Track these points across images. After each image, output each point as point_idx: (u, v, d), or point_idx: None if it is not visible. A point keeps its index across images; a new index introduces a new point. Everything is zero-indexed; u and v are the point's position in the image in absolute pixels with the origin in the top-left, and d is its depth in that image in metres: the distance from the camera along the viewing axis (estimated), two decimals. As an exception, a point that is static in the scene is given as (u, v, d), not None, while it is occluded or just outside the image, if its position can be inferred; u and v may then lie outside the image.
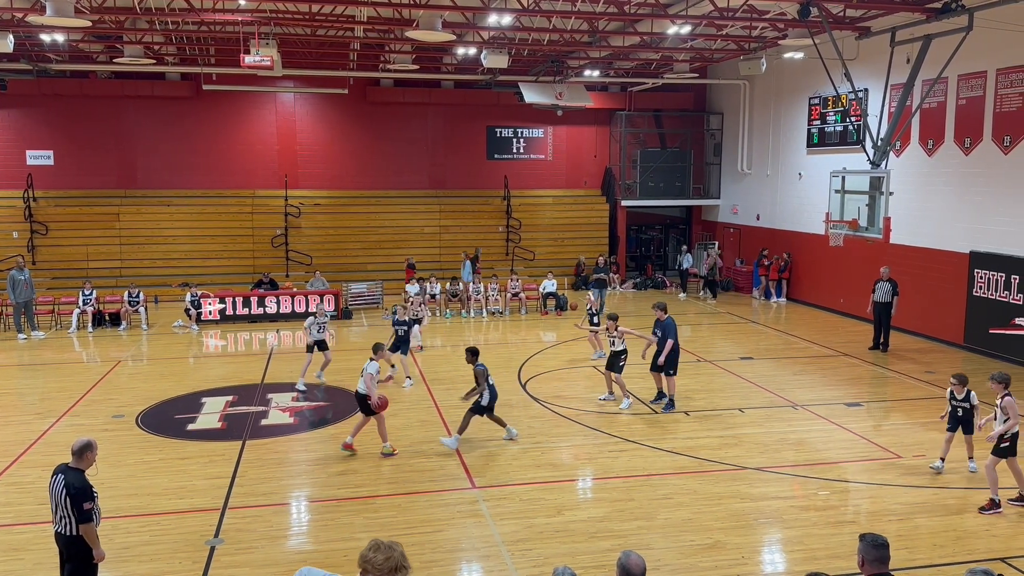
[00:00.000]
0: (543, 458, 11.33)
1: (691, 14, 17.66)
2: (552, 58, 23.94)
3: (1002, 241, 17.12)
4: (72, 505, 6.63)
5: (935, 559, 8.31)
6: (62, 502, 6.65)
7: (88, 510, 6.67)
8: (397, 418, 13.22)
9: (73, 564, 6.80)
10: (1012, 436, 9.43)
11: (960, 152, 18.23)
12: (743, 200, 28.10)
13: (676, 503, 9.75)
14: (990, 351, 17.29)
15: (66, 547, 6.80)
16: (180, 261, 26.29)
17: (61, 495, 6.65)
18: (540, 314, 23.18)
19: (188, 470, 10.91)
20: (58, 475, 6.78)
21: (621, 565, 4.87)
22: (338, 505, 9.75)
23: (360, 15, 18.40)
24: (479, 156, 29.76)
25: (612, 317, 14.07)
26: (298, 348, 19.42)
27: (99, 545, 6.83)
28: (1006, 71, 16.87)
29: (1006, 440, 9.43)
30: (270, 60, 17.54)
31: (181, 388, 15.15)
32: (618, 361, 13.73)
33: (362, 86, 27.96)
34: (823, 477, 10.64)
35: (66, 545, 6.79)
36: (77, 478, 6.73)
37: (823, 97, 23.01)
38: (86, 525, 6.69)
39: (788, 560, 8.51)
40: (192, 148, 27.53)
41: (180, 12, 17.76)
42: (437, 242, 28.35)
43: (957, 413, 10.56)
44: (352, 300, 23.69)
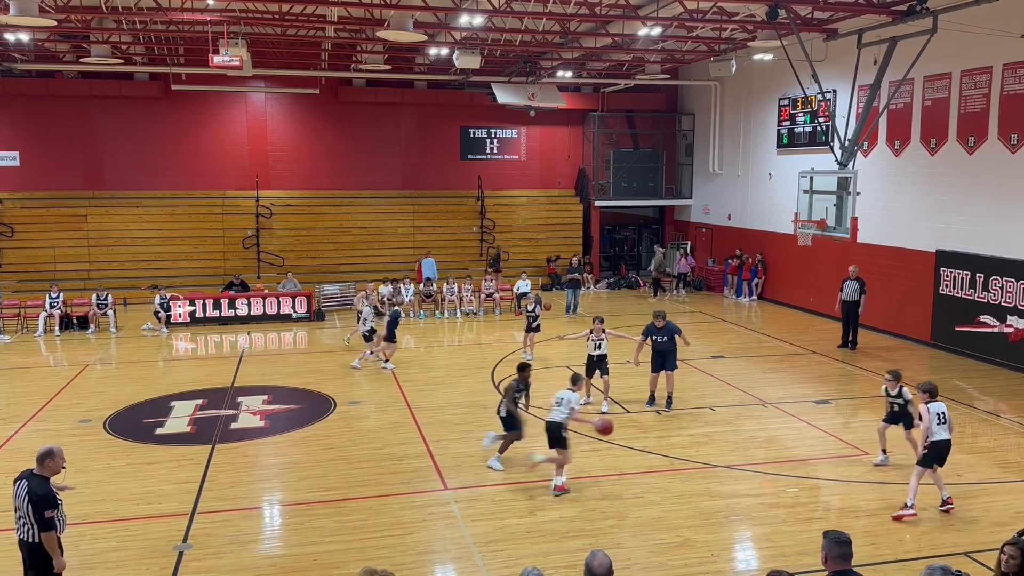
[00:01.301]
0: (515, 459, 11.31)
1: (661, 16, 17.78)
2: (524, 59, 23.97)
3: (967, 240, 17.40)
4: (34, 512, 6.53)
5: (900, 554, 8.43)
6: (24, 509, 6.55)
7: (49, 518, 6.58)
8: (369, 420, 13.19)
9: (35, 572, 6.70)
10: (930, 444, 9.33)
11: (926, 152, 18.51)
12: (715, 200, 28.32)
13: (647, 502, 9.80)
14: (956, 348, 17.57)
15: (29, 554, 6.70)
16: (149, 263, 25.99)
17: (23, 501, 6.56)
18: (514, 314, 23.19)
19: (156, 475, 10.78)
20: (21, 481, 6.68)
21: (586, 565, 4.90)
22: (309, 508, 9.69)
23: (331, 15, 18.30)
24: (452, 156, 29.72)
25: (599, 319, 13.96)
26: (270, 350, 19.30)
27: (60, 554, 6.74)
28: (970, 72, 17.15)
29: (925, 448, 9.38)
30: (239, 60, 17.39)
31: (150, 392, 14.97)
32: (604, 364, 13.69)
33: (334, 86, 27.82)
34: (792, 474, 10.75)
35: (29, 552, 6.69)
36: (40, 485, 6.63)
37: (792, 98, 23.26)
38: (47, 533, 6.59)
39: (756, 557, 8.59)
40: (161, 149, 27.23)
41: (148, 11, 17.55)
42: (411, 243, 28.27)
43: (893, 408, 10.90)
44: (324, 302, 23.55)
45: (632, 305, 24.99)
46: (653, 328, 13.70)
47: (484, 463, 11.10)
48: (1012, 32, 15.65)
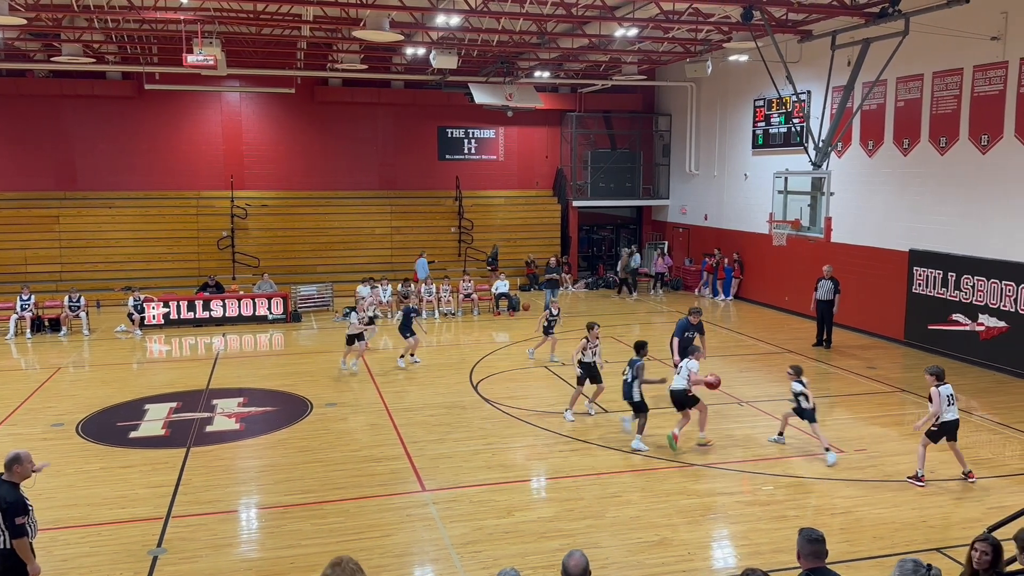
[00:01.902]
0: (494, 459, 11.33)
1: (638, 17, 17.85)
2: (502, 59, 23.97)
3: (940, 239, 17.62)
4: (4, 519, 6.43)
5: (875, 551, 8.52)
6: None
7: (20, 524, 6.47)
8: (346, 422, 13.13)
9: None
10: (939, 424, 10.17)
11: (899, 153, 18.72)
12: (691, 200, 28.48)
13: (624, 501, 9.83)
14: (929, 347, 17.79)
15: (1, 561, 6.59)
16: (122, 264, 25.70)
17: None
18: (493, 315, 23.18)
19: (130, 479, 10.67)
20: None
21: (563, 564, 4.91)
22: (285, 512, 9.62)
23: (306, 14, 18.18)
24: (430, 156, 29.66)
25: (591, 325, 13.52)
26: (245, 352, 19.16)
27: (33, 560, 6.64)
28: (941, 74, 17.38)
29: (935, 426, 10.21)
30: (214, 60, 17.23)
31: (123, 395, 14.81)
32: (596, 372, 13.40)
33: (310, 86, 27.66)
34: (768, 472, 10.83)
35: (1, 559, 6.58)
36: (9, 491, 6.51)
37: (767, 99, 23.44)
38: (19, 540, 6.49)
39: (733, 555, 8.65)
40: (134, 149, 26.93)
41: (120, 10, 17.34)
42: (388, 243, 28.19)
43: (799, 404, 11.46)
44: (301, 303, 23.41)
45: (610, 305, 25.07)
46: (687, 324, 14.05)
47: (462, 464, 11.09)
48: (982, 34, 15.88)
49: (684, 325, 14.20)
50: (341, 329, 21.07)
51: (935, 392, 10.13)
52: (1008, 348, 15.92)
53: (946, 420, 10.14)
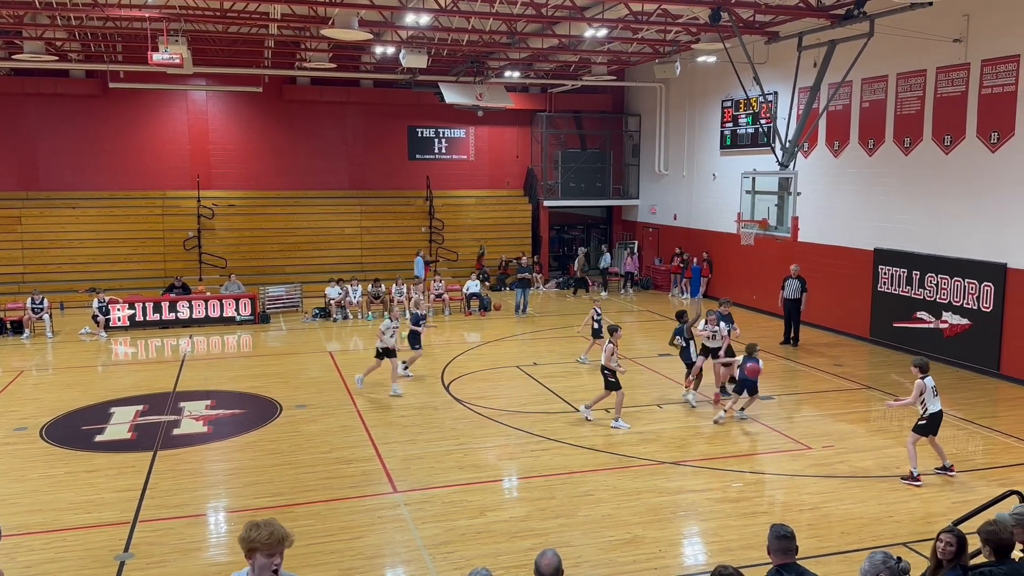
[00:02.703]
0: (466, 460, 11.31)
1: (607, 17, 17.94)
2: (472, 59, 23.95)
3: (904, 238, 17.92)
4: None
5: (843, 546, 8.63)
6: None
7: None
8: (316, 424, 13.02)
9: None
10: (927, 416, 10.35)
11: (864, 153, 19.00)
12: (661, 200, 28.66)
13: (596, 499, 9.87)
14: (894, 344, 18.07)
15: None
16: (87, 265, 25.28)
17: None
18: (464, 315, 23.15)
19: (96, 483, 10.50)
20: None
21: (535, 564, 4.92)
22: (255, 515, 9.48)
23: (274, 12, 18.03)
24: (400, 156, 29.53)
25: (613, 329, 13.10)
26: (213, 354, 18.94)
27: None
28: (905, 75, 17.66)
29: (923, 419, 10.39)
30: (179, 58, 17.00)
31: (88, 398, 14.56)
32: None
33: (278, 84, 27.43)
34: (737, 469, 10.93)
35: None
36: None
37: (735, 100, 23.66)
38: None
39: (703, 552, 8.72)
40: (99, 148, 26.50)
41: (83, 7, 17.06)
42: (358, 243, 28.03)
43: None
44: (270, 304, 23.19)
45: (582, 304, 25.13)
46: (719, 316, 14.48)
47: (434, 465, 11.06)
48: (945, 36, 16.17)
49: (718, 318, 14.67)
50: (310, 330, 21.02)
51: (919, 384, 10.33)
52: (971, 345, 16.23)
53: (933, 412, 10.33)
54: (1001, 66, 15.36)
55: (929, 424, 10.38)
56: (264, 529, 4.36)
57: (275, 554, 4.38)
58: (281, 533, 4.38)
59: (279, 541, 4.36)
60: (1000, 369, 15.67)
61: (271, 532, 4.35)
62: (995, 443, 12.08)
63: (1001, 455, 11.53)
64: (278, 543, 4.36)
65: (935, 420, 10.39)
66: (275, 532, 4.36)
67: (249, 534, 4.37)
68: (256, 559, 4.39)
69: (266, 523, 4.41)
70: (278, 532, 4.37)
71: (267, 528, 4.37)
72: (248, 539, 4.36)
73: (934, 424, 10.39)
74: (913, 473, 10.32)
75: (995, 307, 15.69)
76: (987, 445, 12.02)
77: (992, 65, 15.55)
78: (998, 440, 12.20)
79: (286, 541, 4.40)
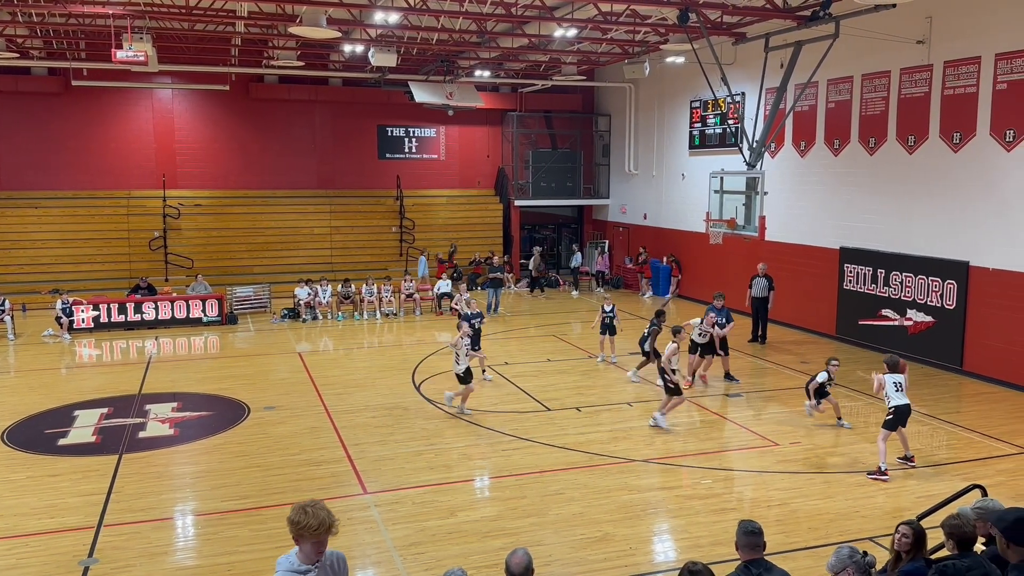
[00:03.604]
0: (437, 460, 11.27)
1: (576, 17, 17.98)
2: (442, 58, 23.88)
3: (869, 237, 18.17)
4: None
5: (811, 541, 8.73)
6: None
7: None
8: (285, 426, 12.90)
9: None
10: (891, 410, 10.71)
11: (830, 153, 19.24)
12: (631, 200, 28.80)
13: (567, 498, 9.88)
14: (860, 341, 18.32)
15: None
16: (50, 266, 24.82)
17: None
18: (435, 315, 23.07)
19: (59, 487, 10.31)
20: None
21: (506, 563, 4.92)
22: (223, 518, 9.41)
23: (240, 10, 17.82)
24: (370, 155, 29.37)
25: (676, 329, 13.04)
26: (179, 355, 18.69)
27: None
28: (870, 76, 17.91)
29: (889, 414, 10.75)
30: (144, 55, 16.72)
31: (51, 401, 14.29)
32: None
33: (245, 82, 27.14)
34: (706, 466, 11.01)
35: None
36: None
37: (703, 100, 23.83)
38: None
39: (673, 548, 8.77)
40: (62, 147, 26.04)
41: (45, 3, 16.72)
42: (328, 243, 27.82)
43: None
44: (237, 304, 22.93)
45: (553, 304, 25.19)
46: (715, 311, 14.80)
47: (404, 465, 11.01)
48: (909, 38, 16.43)
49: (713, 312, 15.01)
50: (278, 331, 20.83)
51: (880, 377, 10.82)
52: (935, 342, 16.51)
53: (896, 405, 10.65)
54: (963, 67, 15.64)
55: (895, 418, 10.69)
56: (312, 518, 4.47)
57: (322, 539, 4.52)
58: (328, 522, 4.49)
59: (327, 529, 4.49)
60: (963, 365, 15.95)
61: (320, 522, 4.46)
62: (958, 438, 12.29)
63: (964, 450, 11.74)
64: (326, 531, 4.49)
65: (900, 413, 10.68)
66: (323, 522, 4.47)
67: (298, 519, 4.48)
68: (303, 544, 4.54)
69: (313, 511, 4.51)
70: (326, 521, 4.48)
71: (315, 517, 4.47)
72: (296, 524, 4.48)
73: (901, 417, 10.69)
74: (881, 468, 10.52)
75: (958, 304, 15.96)
76: (951, 440, 12.23)
77: (954, 67, 15.82)
78: (961, 435, 12.41)
79: (332, 528, 4.51)
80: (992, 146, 15.14)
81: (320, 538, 4.50)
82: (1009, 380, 14.99)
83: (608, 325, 16.97)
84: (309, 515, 4.47)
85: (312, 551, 4.54)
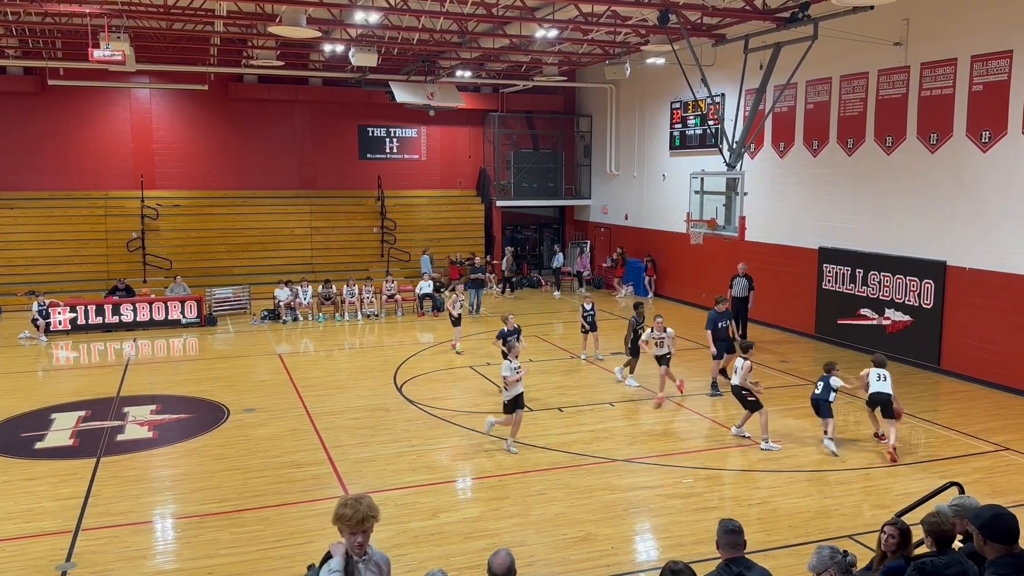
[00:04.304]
0: (419, 461, 11.24)
1: (557, 18, 17.99)
2: (423, 58, 23.82)
3: (848, 237, 18.32)
4: None
5: (791, 539, 8.78)
6: None
7: None
8: (265, 428, 12.82)
9: None
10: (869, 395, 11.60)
11: (809, 154, 19.38)
12: (612, 200, 28.88)
13: (549, 498, 9.89)
14: (839, 340, 18.47)
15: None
16: (26, 268, 24.53)
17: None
18: (416, 315, 23.01)
19: (36, 491, 10.19)
20: None
21: (488, 564, 4.91)
22: (202, 521, 9.33)
23: (219, 9, 17.67)
24: (351, 156, 29.25)
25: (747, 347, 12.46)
26: (158, 357, 18.52)
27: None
28: (848, 78, 18.06)
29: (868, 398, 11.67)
30: (122, 55, 16.57)
31: (28, 404, 14.12)
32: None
33: (224, 82, 26.96)
34: (687, 465, 11.06)
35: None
36: None
37: (684, 101, 23.94)
38: None
39: (655, 547, 8.80)
40: (38, 147, 25.73)
41: (21, 2, 16.52)
42: (308, 244, 27.68)
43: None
44: (216, 306, 22.76)
45: (535, 304, 25.21)
46: (716, 315, 14.60)
47: (386, 467, 10.97)
48: (886, 40, 16.58)
49: (715, 317, 14.71)
50: (258, 332, 20.71)
51: (866, 372, 11.71)
52: (912, 341, 16.67)
53: (872, 392, 11.47)
54: (939, 69, 15.81)
55: (869, 401, 11.65)
56: (350, 508, 4.66)
57: (357, 532, 4.67)
58: (363, 513, 4.64)
59: (360, 521, 4.64)
60: (940, 364, 16.12)
61: (355, 511, 4.64)
62: (936, 436, 12.42)
63: (942, 447, 11.86)
64: (359, 523, 4.64)
65: (873, 399, 11.52)
66: (358, 511, 4.64)
67: (339, 511, 4.69)
68: (343, 535, 4.74)
69: (355, 502, 4.69)
70: (360, 512, 4.64)
71: (353, 507, 4.66)
72: (337, 516, 4.69)
73: (874, 402, 11.55)
74: (878, 433, 11.81)
75: (935, 304, 16.13)
76: (928, 438, 12.35)
77: (931, 68, 15.99)
78: (939, 433, 12.55)
79: (367, 521, 4.66)
80: (968, 147, 15.31)
81: (355, 529, 4.65)
82: (985, 378, 15.17)
83: (590, 323, 17.11)
84: (348, 507, 4.65)
85: (351, 542, 4.71)
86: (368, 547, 4.81)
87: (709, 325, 14.73)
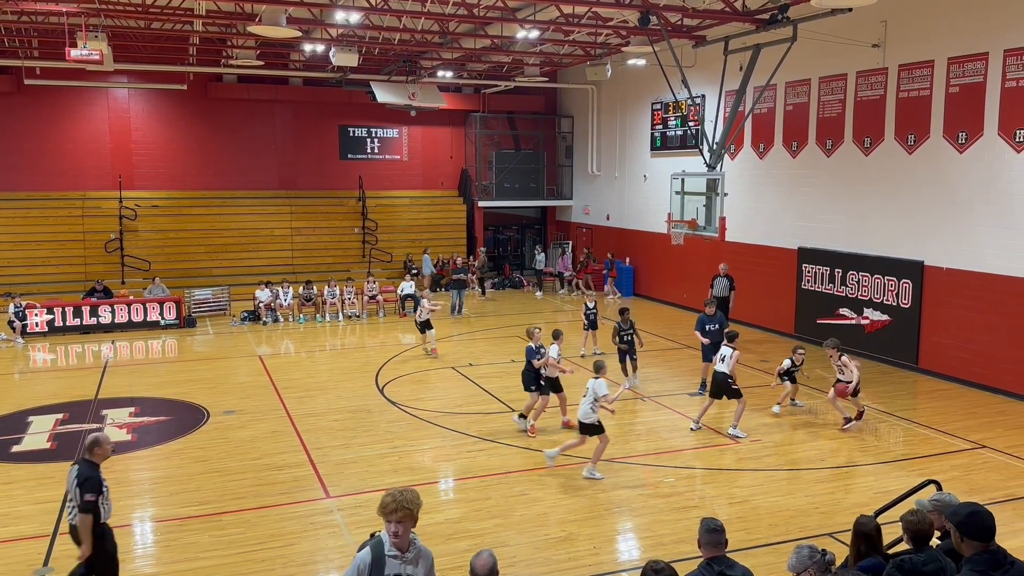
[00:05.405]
0: (401, 463, 11.21)
1: (539, 19, 18.01)
2: (404, 58, 23.77)
3: (827, 237, 18.47)
4: (80, 493, 6.80)
5: (771, 538, 8.84)
6: (73, 491, 6.89)
7: (90, 501, 6.81)
8: (246, 430, 12.74)
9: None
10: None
11: (788, 155, 19.52)
12: (594, 201, 28.95)
13: (531, 499, 9.90)
14: (818, 340, 18.47)
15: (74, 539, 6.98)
16: (2, 269, 24.21)
17: (72, 483, 6.89)
18: (398, 316, 22.96)
19: (13, 495, 10.08)
20: (74, 466, 7.04)
21: (470, 565, 4.91)
22: (182, 524, 9.26)
23: (199, 8, 17.56)
24: (331, 156, 29.13)
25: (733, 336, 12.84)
26: (136, 359, 18.35)
27: (90, 542, 6.84)
28: (827, 79, 18.21)
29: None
30: (99, 54, 16.40)
31: (4, 407, 13.96)
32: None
33: (203, 82, 26.77)
34: (669, 465, 11.10)
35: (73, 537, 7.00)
36: (89, 468, 6.96)
37: (664, 102, 24.04)
38: (84, 516, 6.80)
39: (637, 547, 8.83)
40: (14, 148, 25.43)
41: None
42: (289, 244, 27.54)
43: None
44: (196, 307, 22.59)
45: (517, 304, 25.21)
46: (705, 318, 14.70)
47: (368, 469, 10.94)
48: (864, 42, 16.73)
49: (703, 319, 14.87)
50: (238, 334, 20.58)
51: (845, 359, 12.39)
52: (891, 340, 16.83)
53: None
54: (917, 71, 15.97)
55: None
56: (390, 497, 4.82)
57: (391, 521, 4.81)
58: (398, 503, 4.77)
59: (394, 510, 4.78)
60: (918, 363, 16.29)
61: (393, 499, 4.80)
62: (914, 434, 12.54)
63: (920, 446, 11.98)
64: (392, 512, 4.78)
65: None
66: (395, 500, 4.79)
67: (382, 499, 4.85)
68: (387, 525, 4.87)
69: (398, 492, 4.85)
70: (397, 501, 4.78)
71: (390, 496, 4.82)
72: (379, 504, 4.86)
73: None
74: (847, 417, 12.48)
75: (913, 303, 16.30)
76: (907, 436, 12.47)
77: (908, 70, 16.15)
78: (917, 431, 12.67)
79: (400, 511, 4.78)
80: (945, 148, 15.48)
81: (389, 519, 4.80)
82: (962, 377, 15.34)
83: (592, 321, 17.38)
84: (389, 496, 4.82)
85: (390, 532, 4.86)
86: (413, 541, 4.94)
87: (697, 327, 14.86)
